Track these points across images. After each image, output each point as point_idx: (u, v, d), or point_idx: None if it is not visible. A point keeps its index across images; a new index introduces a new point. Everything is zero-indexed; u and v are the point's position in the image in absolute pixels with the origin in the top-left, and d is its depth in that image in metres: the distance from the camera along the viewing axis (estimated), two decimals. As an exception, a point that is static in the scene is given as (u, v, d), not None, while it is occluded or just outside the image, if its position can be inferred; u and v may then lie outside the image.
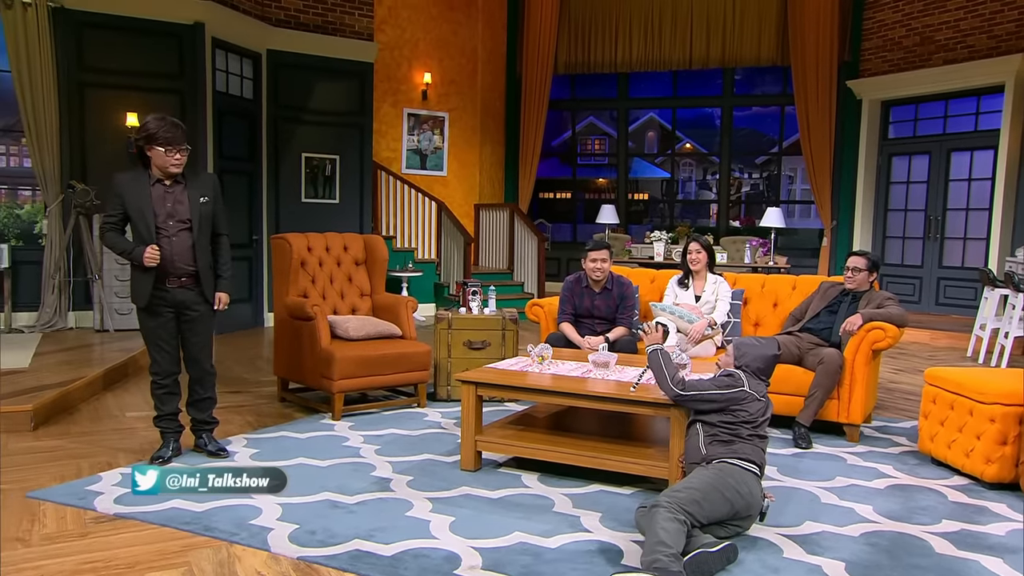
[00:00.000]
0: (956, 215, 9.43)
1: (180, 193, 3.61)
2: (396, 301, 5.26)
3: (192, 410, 3.86)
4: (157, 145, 3.50)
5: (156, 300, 3.60)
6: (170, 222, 3.58)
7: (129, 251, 3.55)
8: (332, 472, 3.61)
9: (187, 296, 3.66)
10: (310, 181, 8.52)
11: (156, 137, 3.49)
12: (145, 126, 3.54)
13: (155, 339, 3.65)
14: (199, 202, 3.64)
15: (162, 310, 3.63)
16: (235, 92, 7.81)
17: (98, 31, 6.95)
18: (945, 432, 3.80)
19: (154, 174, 3.57)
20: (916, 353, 7.29)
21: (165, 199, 3.58)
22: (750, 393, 3.02)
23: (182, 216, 3.60)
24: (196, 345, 3.76)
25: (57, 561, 2.64)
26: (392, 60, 9.74)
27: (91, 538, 2.84)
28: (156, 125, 3.50)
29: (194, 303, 3.68)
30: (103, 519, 3.00)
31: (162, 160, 3.52)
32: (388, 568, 2.61)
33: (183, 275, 3.63)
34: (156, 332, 3.64)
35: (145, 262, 3.49)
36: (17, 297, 6.79)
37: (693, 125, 13.23)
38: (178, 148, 3.53)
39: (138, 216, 3.55)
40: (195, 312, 3.69)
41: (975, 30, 8.83)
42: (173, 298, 3.63)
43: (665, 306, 4.91)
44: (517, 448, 3.64)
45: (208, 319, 3.77)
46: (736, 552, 2.65)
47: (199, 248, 3.64)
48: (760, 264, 8.99)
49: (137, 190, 3.55)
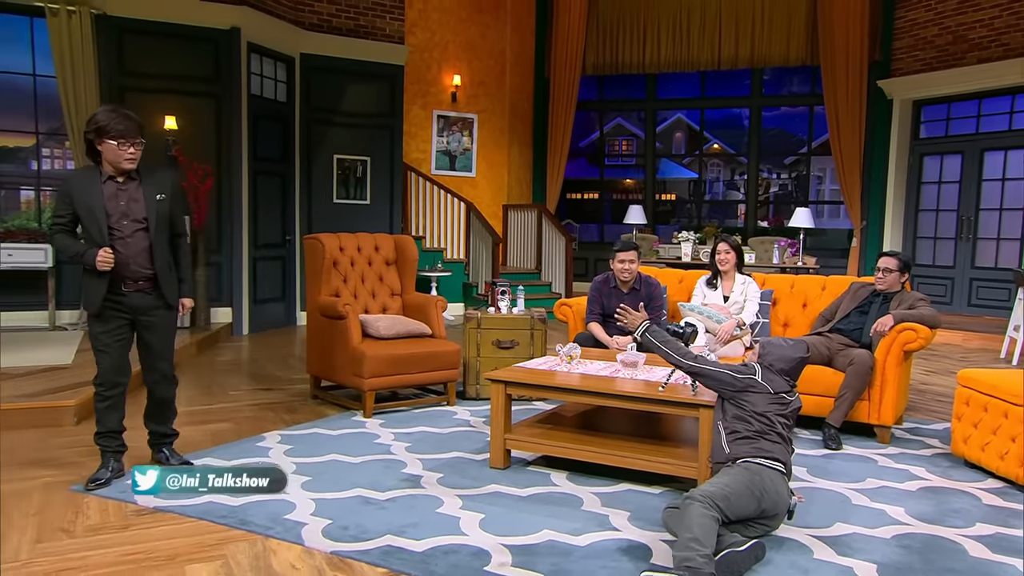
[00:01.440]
0: (989, 215, 9.33)
1: (134, 190, 3.31)
2: (426, 300, 5.31)
3: (151, 423, 3.60)
4: (108, 138, 3.20)
5: (110, 305, 3.30)
6: (124, 222, 3.27)
7: (81, 254, 3.23)
8: (364, 469, 3.63)
9: (144, 301, 3.36)
10: (341, 182, 8.65)
11: (107, 129, 3.19)
12: (95, 118, 3.24)
13: (101, 346, 3.32)
14: (155, 200, 3.33)
15: (114, 316, 3.33)
16: (269, 95, 7.97)
17: (138, 36, 7.15)
18: (979, 435, 3.75)
19: (106, 170, 3.28)
20: (948, 355, 7.24)
21: (118, 197, 3.28)
22: (760, 384, 3.00)
23: (137, 215, 3.30)
24: (155, 351, 3.46)
25: (100, 552, 2.70)
26: (422, 63, 9.87)
27: (132, 530, 2.89)
28: (107, 117, 3.21)
29: (152, 308, 3.38)
30: (144, 512, 3.04)
31: (114, 155, 3.22)
32: (419, 564, 2.63)
33: (140, 279, 3.33)
34: (103, 339, 3.32)
35: (98, 266, 3.18)
36: (60, 296, 6.98)
37: (721, 126, 13.19)
38: (131, 141, 3.24)
39: (88, 216, 3.23)
40: (153, 317, 3.40)
41: (1010, 28, 8.73)
42: (129, 303, 3.33)
43: (693, 306, 4.91)
44: (546, 447, 3.65)
45: (168, 323, 3.47)
46: (764, 550, 2.65)
47: (156, 249, 3.34)
48: (789, 264, 8.94)
49: (87, 188, 3.25)
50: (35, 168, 7.44)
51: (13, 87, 7.15)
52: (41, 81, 7.09)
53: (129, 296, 3.32)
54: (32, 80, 7.11)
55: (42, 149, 7.53)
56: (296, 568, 2.61)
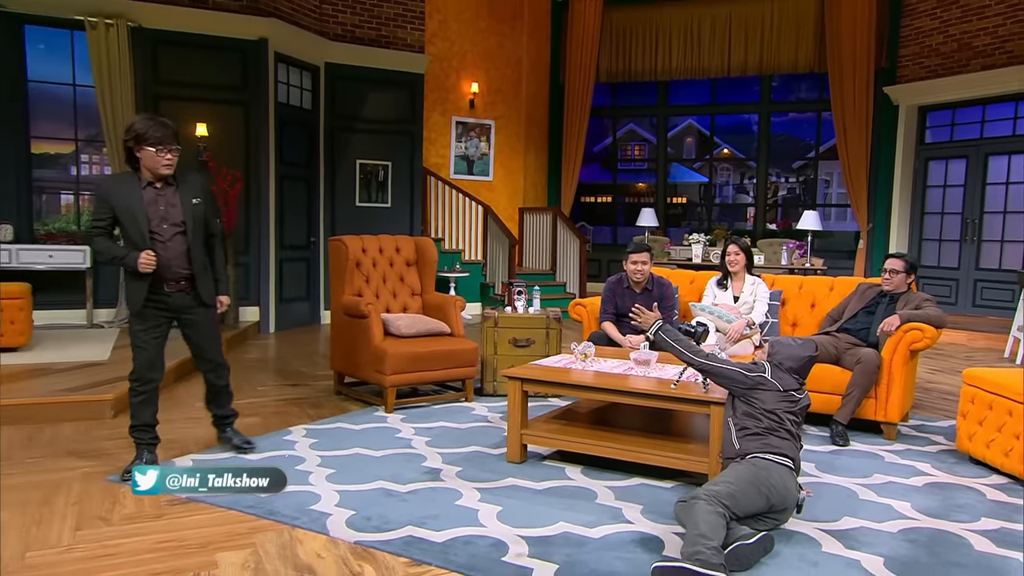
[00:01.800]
0: (993, 218, 9.41)
1: (172, 195, 3.45)
2: (445, 300, 5.36)
3: (211, 406, 3.82)
4: (147, 145, 3.32)
5: (152, 305, 3.44)
6: (163, 225, 3.41)
7: (122, 257, 3.36)
8: (386, 462, 3.69)
9: (184, 300, 3.52)
10: (364, 186, 8.85)
11: (145, 137, 3.31)
12: (133, 126, 3.36)
13: (140, 343, 3.46)
14: (191, 204, 3.48)
15: (155, 315, 3.47)
16: (295, 103, 8.19)
17: (172, 47, 7.39)
18: (984, 431, 3.77)
19: (144, 176, 3.40)
20: (953, 354, 7.29)
21: (157, 202, 3.41)
22: (770, 381, 3.02)
23: (175, 219, 3.44)
24: (201, 344, 3.66)
25: (136, 540, 2.79)
26: (441, 71, 10.04)
27: (166, 519, 2.97)
28: (145, 125, 3.33)
29: (191, 306, 3.55)
30: (177, 502, 3.11)
31: (152, 161, 3.35)
32: (439, 554, 2.67)
33: (179, 279, 3.48)
34: (142, 336, 3.46)
35: (140, 268, 3.32)
36: (97, 295, 7.23)
37: (731, 131, 13.31)
38: (168, 148, 3.36)
39: (129, 220, 3.36)
40: (193, 315, 3.57)
41: (1014, 36, 8.82)
42: (171, 303, 3.49)
43: (704, 306, 4.97)
44: (561, 442, 3.67)
45: (208, 319, 3.63)
46: (772, 542, 2.67)
47: (194, 251, 3.48)
48: (797, 266, 9.00)
49: (127, 193, 3.37)
50: (74, 173, 7.68)
51: (54, 96, 7.40)
52: (80, 91, 7.34)
53: (171, 296, 3.48)
54: (72, 90, 7.36)
55: (81, 155, 7.77)
56: (321, 557, 2.66)
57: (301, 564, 2.62)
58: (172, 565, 2.60)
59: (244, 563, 2.62)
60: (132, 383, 3.51)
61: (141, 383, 3.50)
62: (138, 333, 3.47)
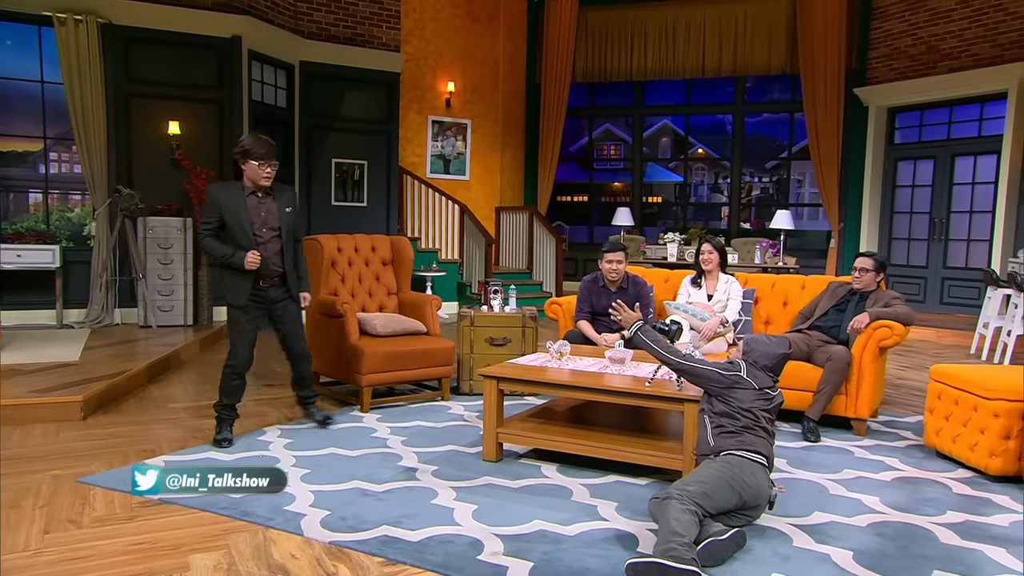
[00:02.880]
0: (960, 217, 9.58)
1: (270, 204, 3.99)
2: (421, 299, 5.35)
3: (296, 388, 4.37)
4: (252, 159, 3.86)
5: (252, 298, 3.97)
6: (263, 229, 3.95)
7: (229, 256, 3.87)
8: (361, 462, 3.68)
9: (277, 293, 4.07)
10: (340, 185, 8.83)
11: (251, 152, 3.86)
12: (241, 143, 3.91)
13: (242, 333, 3.98)
14: (285, 212, 4.03)
15: (254, 307, 3.99)
16: (270, 101, 8.15)
17: (143, 45, 7.31)
18: (950, 427, 3.84)
19: (247, 186, 3.93)
20: (922, 351, 7.39)
21: (259, 208, 3.95)
22: (746, 380, 3.05)
23: (273, 224, 3.98)
24: (289, 334, 4.20)
25: (107, 542, 2.74)
26: (418, 70, 10.05)
27: (138, 521, 2.94)
28: (251, 142, 3.88)
29: (282, 299, 4.10)
30: (149, 503, 3.07)
31: (255, 173, 3.88)
32: (415, 553, 2.67)
33: (274, 276, 4.03)
34: (245, 327, 3.98)
35: (247, 266, 3.85)
36: (68, 295, 7.14)
37: (705, 131, 13.40)
38: (269, 162, 3.89)
39: (236, 224, 3.88)
40: (282, 307, 4.12)
41: (979, 39, 9.01)
42: (267, 296, 4.03)
43: (679, 304, 5.00)
44: (537, 440, 3.69)
45: (295, 312, 4.20)
46: (744, 538, 2.71)
47: (286, 252, 4.04)
48: (770, 265, 9.10)
49: (234, 200, 3.90)
50: (43, 172, 7.57)
51: (22, 93, 7.29)
52: (49, 87, 7.23)
53: (267, 291, 4.03)
54: (40, 87, 7.25)
55: (50, 153, 7.65)
56: (295, 557, 2.65)
57: (275, 565, 2.61)
58: (144, 568, 2.57)
59: (217, 564, 2.60)
60: (231, 367, 4.00)
61: (240, 367, 4.01)
62: (242, 323, 3.98)
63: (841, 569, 2.64)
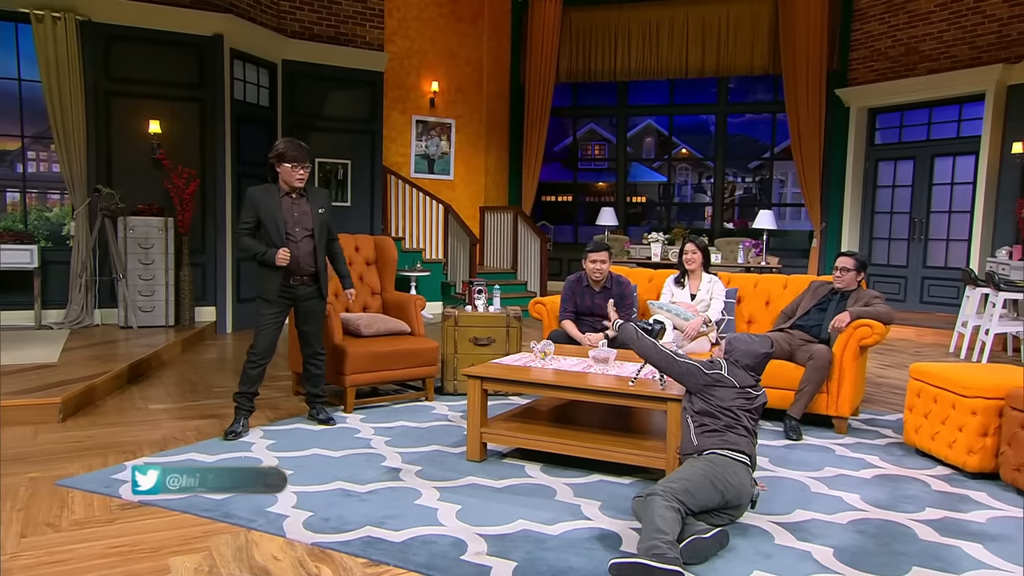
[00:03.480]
0: (939, 217, 9.68)
1: (304, 205, 4.12)
2: (405, 299, 5.35)
3: (307, 384, 4.44)
4: (285, 162, 4.00)
5: (282, 294, 4.13)
6: (297, 229, 4.09)
7: (263, 253, 4.02)
8: (344, 462, 3.68)
9: (306, 291, 4.22)
10: (323, 185, 8.74)
11: (285, 155, 3.99)
12: (276, 146, 4.05)
13: (266, 324, 4.12)
14: (318, 213, 4.15)
15: (281, 302, 4.14)
16: (252, 100, 8.08)
17: (123, 43, 7.22)
18: (929, 424, 3.90)
19: (282, 187, 4.07)
20: (902, 349, 7.46)
21: (293, 209, 4.09)
22: (727, 378, 3.06)
23: (306, 224, 4.11)
24: (311, 330, 4.32)
25: (86, 545, 2.72)
26: (402, 69, 10.01)
27: (117, 524, 2.91)
28: (285, 146, 4.01)
29: (311, 297, 4.25)
30: (128, 506, 3.06)
31: (289, 175, 4.01)
32: (398, 554, 2.67)
33: (305, 274, 4.17)
34: (270, 319, 4.12)
35: (278, 262, 3.99)
36: (46, 295, 7.05)
37: (689, 131, 13.46)
38: (302, 165, 4.01)
39: (271, 223, 4.02)
40: (310, 305, 4.26)
41: (957, 41, 9.11)
42: (295, 293, 4.18)
43: (662, 304, 5.01)
44: (521, 440, 3.70)
45: (320, 310, 4.33)
46: (728, 537, 2.73)
47: (319, 252, 4.18)
48: (753, 264, 9.15)
49: (269, 201, 4.04)
50: (20, 171, 7.49)
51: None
52: (27, 86, 7.14)
53: (296, 288, 4.17)
54: (17, 85, 7.16)
55: (28, 152, 7.59)
56: (278, 559, 2.64)
57: (257, 567, 2.59)
58: (123, 571, 2.55)
59: (198, 567, 2.58)
60: (252, 356, 4.13)
61: (261, 356, 4.14)
62: (266, 316, 4.12)
63: (822, 566, 2.66)
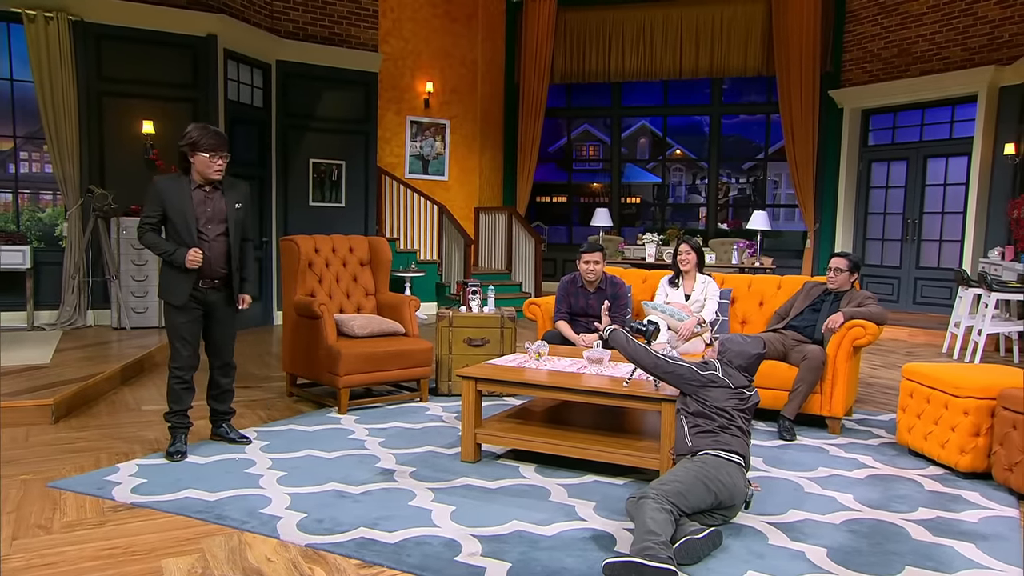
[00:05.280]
0: (932, 218, 9.72)
1: (218, 199, 3.70)
2: (399, 300, 5.34)
3: (213, 402, 3.98)
4: (201, 151, 3.58)
5: (190, 299, 3.68)
6: (209, 226, 3.67)
7: (171, 252, 3.60)
8: (338, 463, 3.67)
9: (217, 296, 3.77)
10: (317, 186, 8.77)
11: (200, 144, 3.57)
12: (188, 134, 3.61)
13: (181, 334, 3.69)
14: (234, 208, 3.74)
15: (192, 308, 3.70)
16: (246, 101, 8.07)
17: (116, 43, 7.20)
18: (922, 424, 3.92)
19: (195, 179, 3.66)
20: (895, 350, 7.49)
21: (206, 204, 3.67)
22: (721, 379, 3.06)
23: (219, 221, 3.70)
24: (221, 341, 3.87)
25: (77, 548, 2.70)
26: (396, 70, 10.01)
27: (109, 526, 2.89)
28: (199, 132, 3.59)
29: (222, 303, 3.80)
30: (121, 508, 3.05)
31: (204, 166, 3.61)
32: (392, 555, 2.65)
33: (216, 277, 3.74)
34: (184, 328, 3.69)
35: (188, 264, 3.58)
36: (39, 296, 7.03)
37: (683, 132, 13.48)
38: (220, 155, 3.61)
39: (180, 219, 3.61)
40: (220, 312, 3.81)
41: (950, 43, 9.15)
42: (205, 298, 3.73)
43: (656, 305, 5.02)
44: (515, 441, 3.69)
45: (232, 317, 3.88)
46: (721, 537, 2.73)
47: (233, 252, 3.75)
48: (747, 265, 9.19)
49: (178, 193, 3.62)
50: (13, 171, 7.44)
51: (-9, 91, 7.16)
52: (19, 86, 7.11)
53: (205, 293, 3.73)
54: (10, 85, 7.13)
55: (20, 152, 7.53)
56: (271, 561, 2.62)
57: (250, 568, 2.58)
58: (115, 573, 2.53)
59: (191, 569, 2.57)
60: (175, 371, 3.73)
61: (185, 371, 3.74)
62: (181, 325, 3.70)
63: (815, 566, 2.66)
